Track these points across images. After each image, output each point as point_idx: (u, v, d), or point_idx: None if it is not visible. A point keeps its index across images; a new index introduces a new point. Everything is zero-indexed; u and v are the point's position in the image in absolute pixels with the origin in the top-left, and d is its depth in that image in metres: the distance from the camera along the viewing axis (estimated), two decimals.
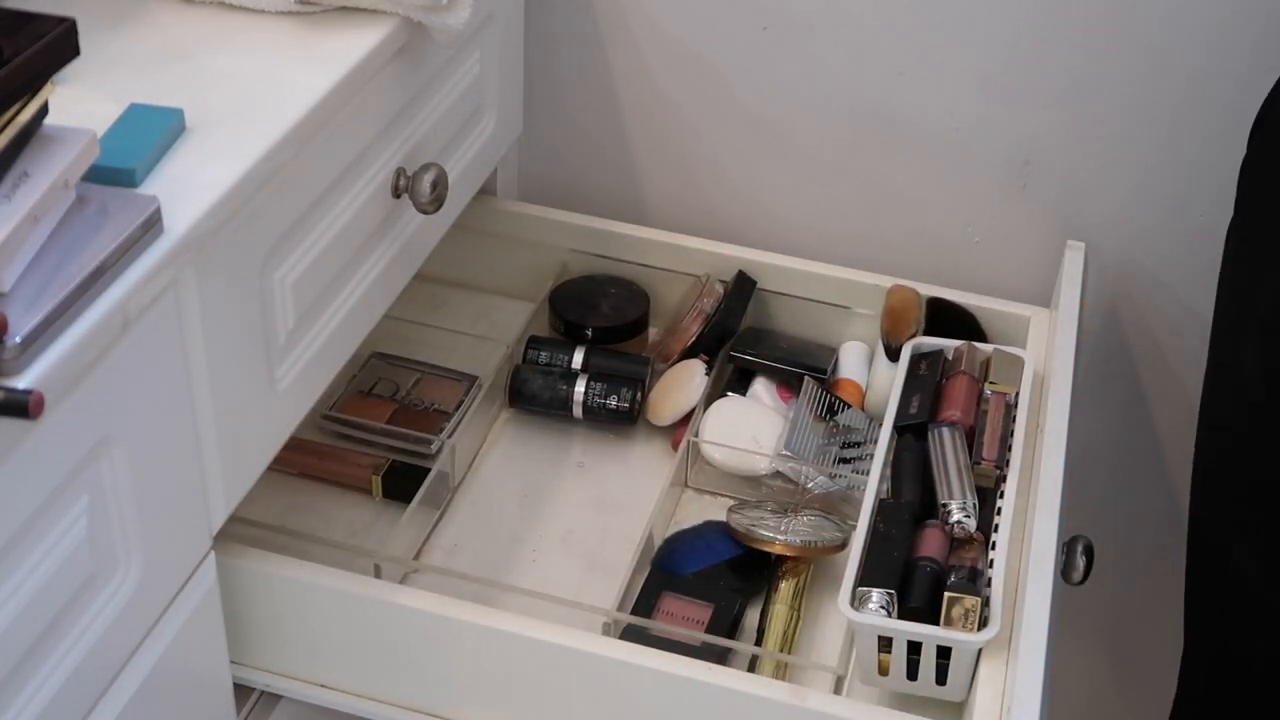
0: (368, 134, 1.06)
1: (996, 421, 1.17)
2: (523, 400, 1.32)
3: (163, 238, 0.81)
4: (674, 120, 1.46)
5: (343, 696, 1.07)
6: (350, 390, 1.34)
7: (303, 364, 1.02)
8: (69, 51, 0.81)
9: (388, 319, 1.18)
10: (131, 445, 0.83)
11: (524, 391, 1.32)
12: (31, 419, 0.69)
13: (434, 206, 1.11)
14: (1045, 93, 1.32)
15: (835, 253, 1.44)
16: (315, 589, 1.03)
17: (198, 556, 0.94)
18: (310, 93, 0.95)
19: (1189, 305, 1.38)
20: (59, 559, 0.79)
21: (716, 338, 1.35)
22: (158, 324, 0.83)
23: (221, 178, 0.86)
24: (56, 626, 0.81)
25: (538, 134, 1.50)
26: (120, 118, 0.88)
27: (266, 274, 0.95)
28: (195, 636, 0.95)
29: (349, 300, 1.07)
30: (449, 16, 1.06)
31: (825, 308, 1.39)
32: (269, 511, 1.20)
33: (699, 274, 1.40)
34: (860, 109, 1.39)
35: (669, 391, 1.33)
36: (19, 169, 0.76)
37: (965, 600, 1.00)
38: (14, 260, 0.74)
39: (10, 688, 0.78)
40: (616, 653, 1.00)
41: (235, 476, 0.96)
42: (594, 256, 1.43)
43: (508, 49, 1.34)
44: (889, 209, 1.44)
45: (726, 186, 1.48)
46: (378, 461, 1.26)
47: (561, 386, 1.32)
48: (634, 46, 1.43)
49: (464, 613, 1.01)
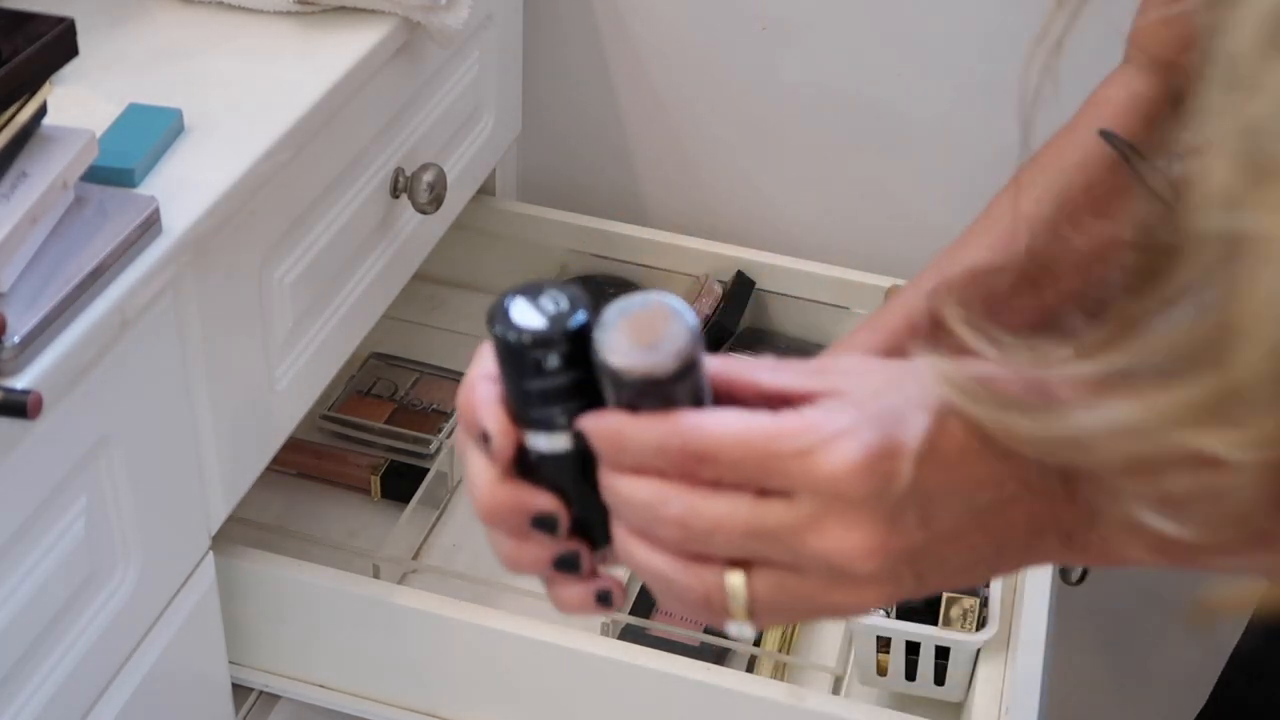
0: (366, 134, 1.06)
1: None
2: None
3: (161, 237, 0.81)
4: (673, 120, 1.46)
5: (341, 696, 1.07)
6: (349, 390, 1.34)
7: (301, 364, 1.02)
8: (68, 51, 0.81)
9: (386, 319, 1.18)
10: (130, 445, 0.83)
11: None
12: (30, 419, 0.69)
13: (433, 206, 1.11)
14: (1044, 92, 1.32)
15: (834, 253, 1.44)
16: (314, 589, 1.03)
17: (196, 556, 0.94)
18: (309, 93, 0.95)
19: None
20: (57, 559, 0.79)
21: (715, 338, 1.35)
22: (156, 324, 0.83)
23: (220, 178, 0.86)
24: (55, 626, 0.81)
25: (536, 134, 1.50)
26: (119, 118, 0.88)
27: (265, 274, 0.95)
28: (194, 637, 0.95)
29: (347, 300, 1.07)
30: (447, 16, 1.06)
31: (824, 308, 1.39)
32: (268, 512, 1.20)
33: (698, 274, 1.40)
34: (859, 109, 1.39)
35: None
36: (18, 169, 0.76)
37: (964, 600, 1.00)
38: (13, 260, 0.74)
39: (9, 687, 0.78)
40: (615, 653, 1.00)
41: (234, 476, 0.96)
42: (593, 256, 1.43)
43: (506, 49, 1.34)
44: (888, 209, 1.44)
45: (725, 186, 1.48)
46: (376, 462, 1.26)
47: None
48: (633, 46, 1.43)
49: (463, 613, 1.01)
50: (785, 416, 0.47)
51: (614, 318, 0.48)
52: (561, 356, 0.49)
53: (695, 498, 0.47)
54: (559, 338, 0.49)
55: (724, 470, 0.47)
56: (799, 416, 0.47)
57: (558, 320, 0.49)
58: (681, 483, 0.48)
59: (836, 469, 0.46)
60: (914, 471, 0.46)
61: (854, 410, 0.47)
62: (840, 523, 0.46)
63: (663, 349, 0.47)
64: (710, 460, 0.47)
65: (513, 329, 0.49)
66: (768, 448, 0.46)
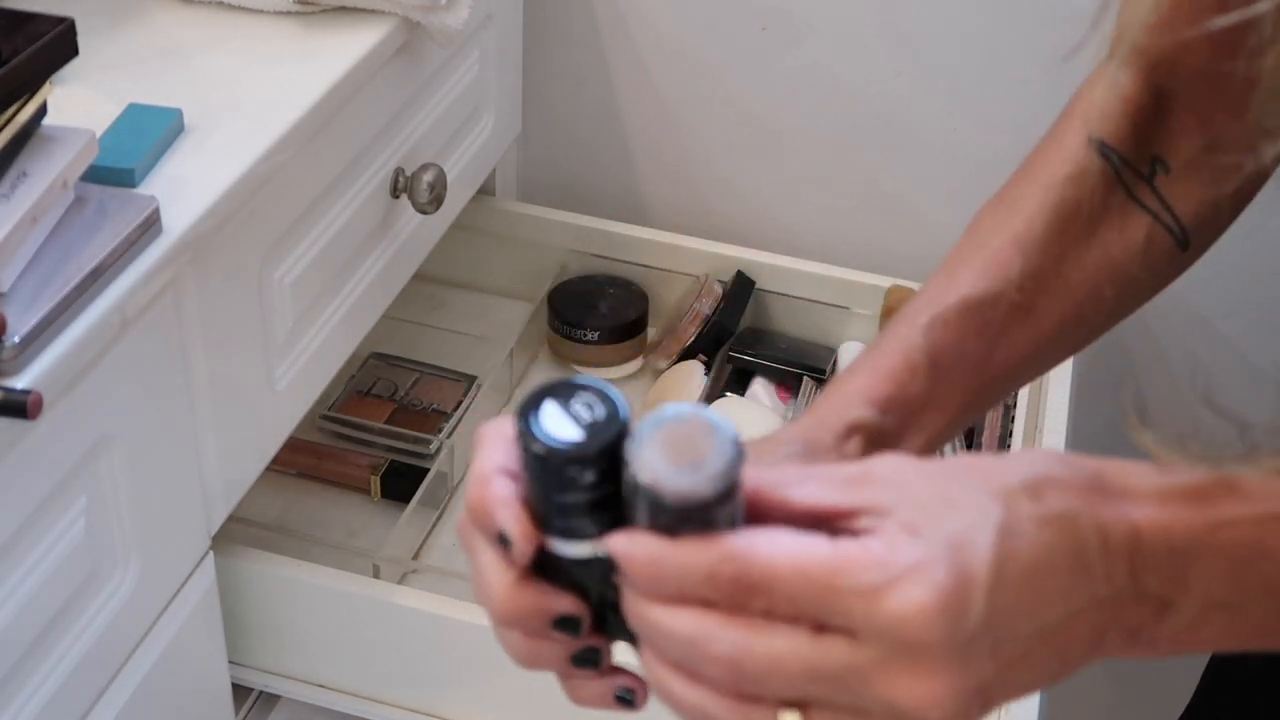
0: (366, 134, 1.06)
1: (995, 422, 1.17)
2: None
3: (161, 237, 0.81)
4: (673, 120, 1.46)
5: (341, 697, 1.07)
6: (349, 390, 1.34)
7: (301, 364, 1.02)
8: (68, 51, 0.81)
9: (386, 319, 1.18)
10: (130, 445, 0.83)
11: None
12: (30, 419, 0.69)
13: (432, 206, 1.11)
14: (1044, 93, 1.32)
15: (834, 253, 1.44)
16: (314, 589, 1.03)
17: (196, 556, 0.94)
18: (309, 93, 0.95)
19: (1189, 305, 1.38)
20: (57, 559, 0.79)
21: (715, 338, 1.35)
22: (156, 324, 0.83)
23: (220, 177, 0.86)
24: (55, 626, 0.81)
25: (536, 134, 1.50)
26: (119, 118, 0.88)
27: (265, 274, 0.95)
28: (193, 637, 0.95)
29: (347, 300, 1.07)
30: (447, 16, 1.06)
31: (824, 308, 1.39)
32: (267, 511, 1.20)
33: (697, 274, 1.40)
34: (859, 109, 1.39)
35: (667, 392, 1.33)
36: (18, 169, 0.76)
37: None
38: (13, 260, 0.74)
39: (9, 687, 0.78)
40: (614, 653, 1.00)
41: (234, 476, 0.96)
42: (593, 256, 1.43)
43: (506, 49, 1.34)
44: (888, 209, 1.44)
45: (725, 186, 1.48)
46: (376, 461, 1.26)
47: None
48: (633, 46, 1.43)
49: (463, 613, 1.01)
50: (846, 546, 0.44)
51: (649, 431, 0.45)
52: (598, 473, 0.46)
53: (748, 634, 0.44)
54: (596, 455, 0.46)
55: (779, 602, 0.44)
56: (862, 549, 0.44)
57: (595, 433, 0.46)
58: (729, 614, 0.44)
59: (906, 612, 0.43)
60: (985, 602, 0.44)
61: (919, 543, 0.44)
62: (910, 668, 0.43)
63: (705, 469, 0.44)
64: (764, 591, 0.44)
65: (547, 441, 0.46)
66: (830, 582, 0.43)
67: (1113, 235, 0.66)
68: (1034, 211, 0.66)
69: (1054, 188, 0.66)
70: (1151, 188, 0.66)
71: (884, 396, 0.62)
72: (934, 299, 0.65)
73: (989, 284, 0.65)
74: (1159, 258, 0.67)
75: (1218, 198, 0.66)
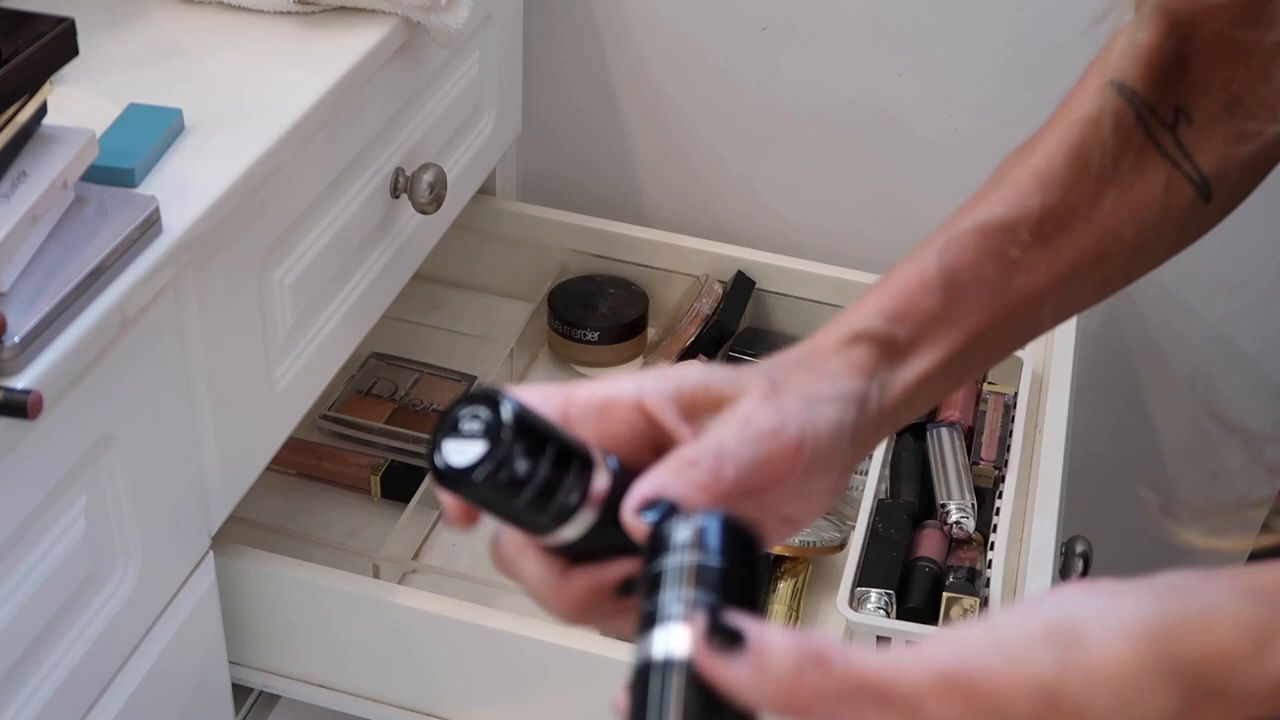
0: (366, 134, 1.06)
1: (995, 422, 1.17)
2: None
3: (161, 237, 0.81)
4: (673, 120, 1.46)
5: (341, 696, 1.07)
6: (349, 390, 1.34)
7: (301, 364, 1.02)
8: (68, 51, 0.81)
9: (386, 319, 1.18)
10: (130, 445, 0.83)
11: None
12: (30, 419, 0.69)
13: (433, 206, 1.11)
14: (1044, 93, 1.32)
15: (834, 253, 1.44)
16: (314, 589, 1.03)
17: (196, 556, 0.94)
18: (309, 92, 0.95)
19: (1189, 305, 1.38)
20: (58, 558, 0.79)
21: (715, 338, 1.35)
22: (156, 324, 0.83)
23: (220, 177, 0.86)
24: (55, 626, 0.81)
25: (536, 134, 1.50)
26: (119, 118, 0.88)
27: (265, 273, 0.95)
28: (194, 636, 0.95)
29: (347, 300, 1.07)
30: (447, 16, 1.06)
31: (824, 308, 1.39)
32: (268, 511, 1.20)
33: (697, 274, 1.40)
34: (859, 109, 1.39)
35: None
36: (18, 169, 0.76)
37: (964, 600, 1.00)
38: (13, 260, 0.74)
39: (9, 687, 0.78)
40: (615, 653, 1.00)
41: (234, 476, 0.96)
42: (593, 256, 1.43)
43: (506, 49, 1.34)
44: (888, 209, 1.44)
45: (725, 186, 1.48)
46: (376, 461, 1.26)
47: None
48: (633, 47, 1.43)
49: (463, 613, 1.01)
50: None
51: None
52: (523, 454, 0.47)
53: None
54: (509, 443, 0.47)
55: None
56: None
57: (492, 433, 0.47)
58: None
59: None
60: None
61: None
62: None
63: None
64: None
65: (462, 472, 0.47)
66: None
67: (1133, 177, 0.65)
68: (1054, 149, 0.66)
69: (1074, 126, 0.66)
70: (1174, 136, 0.65)
71: (895, 309, 0.63)
72: (951, 226, 0.65)
73: (1007, 211, 0.65)
74: (1179, 207, 0.66)
75: (1242, 157, 0.65)
